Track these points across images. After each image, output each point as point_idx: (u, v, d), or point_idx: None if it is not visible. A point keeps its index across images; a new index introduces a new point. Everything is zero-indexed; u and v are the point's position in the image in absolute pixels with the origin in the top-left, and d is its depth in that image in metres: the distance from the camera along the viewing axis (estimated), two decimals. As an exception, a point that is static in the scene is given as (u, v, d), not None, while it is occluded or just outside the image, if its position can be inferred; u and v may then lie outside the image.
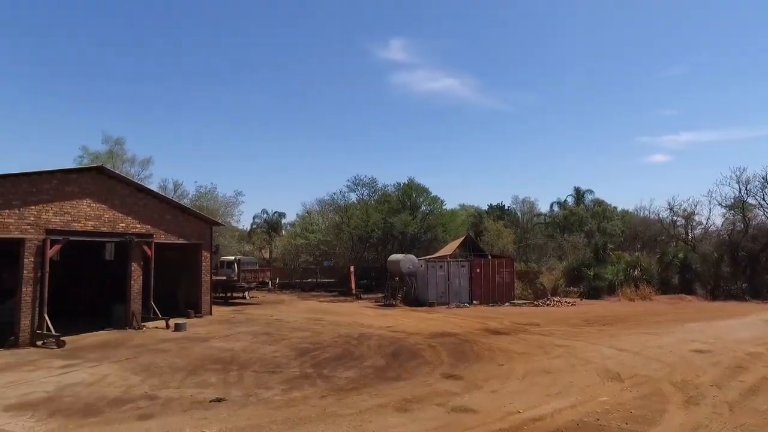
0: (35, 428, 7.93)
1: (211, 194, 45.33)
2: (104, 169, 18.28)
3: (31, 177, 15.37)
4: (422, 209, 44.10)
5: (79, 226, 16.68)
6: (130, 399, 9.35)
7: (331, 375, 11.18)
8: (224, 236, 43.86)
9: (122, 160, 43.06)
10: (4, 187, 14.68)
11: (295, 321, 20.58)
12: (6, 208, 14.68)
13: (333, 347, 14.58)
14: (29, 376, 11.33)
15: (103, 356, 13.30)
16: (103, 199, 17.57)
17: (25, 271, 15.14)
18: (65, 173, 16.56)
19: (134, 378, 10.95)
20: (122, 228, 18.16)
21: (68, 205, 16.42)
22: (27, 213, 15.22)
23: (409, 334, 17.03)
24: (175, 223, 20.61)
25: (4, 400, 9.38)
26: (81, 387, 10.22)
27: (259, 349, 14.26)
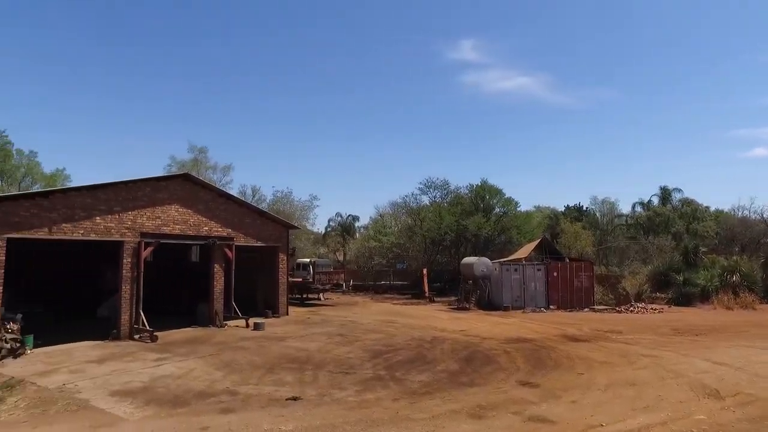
0: (134, 414, 8.64)
1: (287, 198, 47.16)
2: (190, 176, 19.54)
3: (128, 185, 16.75)
4: (496, 211, 43.19)
5: (168, 229, 17.94)
6: (213, 393, 9.90)
7: (404, 378, 11.19)
8: (300, 239, 45.39)
9: (205, 167, 45.86)
10: (106, 195, 16.11)
11: (369, 323, 20.84)
12: (108, 214, 16.10)
13: (406, 350, 14.60)
14: (129, 366, 12.34)
15: (190, 351, 14.19)
16: (188, 204, 18.78)
17: (124, 271, 16.51)
18: (156, 181, 17.87)
19: (217, 373, 11.57)
20: (206, 231, 19.31)
21: (159, 210, 17.71)
22: (125, 218, 16.60)
23: (483, 338, 16.70)
24: (253, 227, 21.60)
25: (110, 386, 10.37)
26: (171, 379, 10.97)
27: (334, 350, 14.57)
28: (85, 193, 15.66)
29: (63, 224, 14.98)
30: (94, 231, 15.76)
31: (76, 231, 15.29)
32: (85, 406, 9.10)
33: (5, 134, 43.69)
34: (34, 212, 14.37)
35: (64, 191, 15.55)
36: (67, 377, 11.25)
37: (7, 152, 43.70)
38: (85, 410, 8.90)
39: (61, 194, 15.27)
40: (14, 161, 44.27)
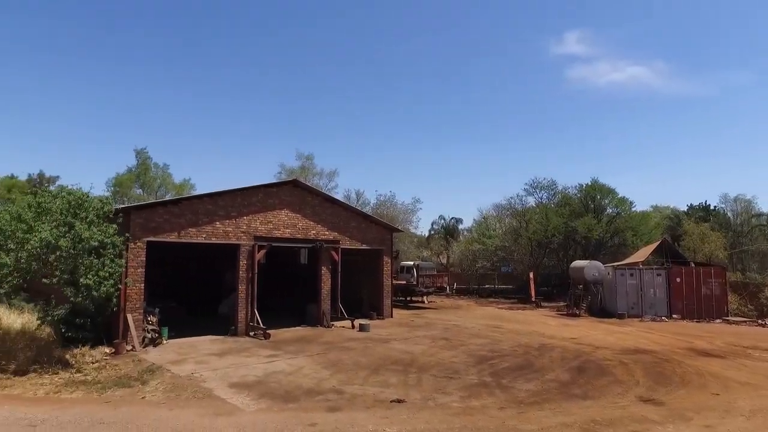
0: (250, 405, 9.25)
1: (390, 202, 47.98)
2: (298, 182, 20.61)
3: (243, 192, 18.07)
4: (608, 212, 40.35)
5: (279, 233, 19.05)
6: (321, 391, 10.28)
7: (511, 386, 10.80)
8: (403, 242, 45.93)
9: (312, 173, 48.16)
10: (224, 201, 17.53)
11: (473, 327, 20.47)
12: (226, 219, 17.50)
13: (512, 356, 14.11)
14: (245, 360, 13.27)
15: (299, 350, 14.90)
16: (297, 209, 19.80)
17: (240, 272, 17.82)
18: (268, 187, 19.08)
19: (324, 372, 12.02)
20: (313, 235, 20.22)
21: (270, 215, 18.87)
22: (241, 222, 17.92)
23: (597, 347, 15.63)
24: (358, 230, 22.23)
25: (229, 379, 11.22)
26: (282, 375, 11.59)
27: (438, 354, 14.49)
28: (207, 200, 17.17)
29: (189, 228, 16.54)
30: (215, 235, 17.21)
31: (199, 235, 16.80)
32: (209, 395, 9.92)
33: (146, 150, 49.52)
34: (166, 218, 16.04)
35: (190, 199, 17.19)
36: (194, 367, 12.37)
37: (147, 166, 49.43)
38: (209, 399, 9.70)
39: (188, 201, 16.88)
40: (152, 173, 49.89)
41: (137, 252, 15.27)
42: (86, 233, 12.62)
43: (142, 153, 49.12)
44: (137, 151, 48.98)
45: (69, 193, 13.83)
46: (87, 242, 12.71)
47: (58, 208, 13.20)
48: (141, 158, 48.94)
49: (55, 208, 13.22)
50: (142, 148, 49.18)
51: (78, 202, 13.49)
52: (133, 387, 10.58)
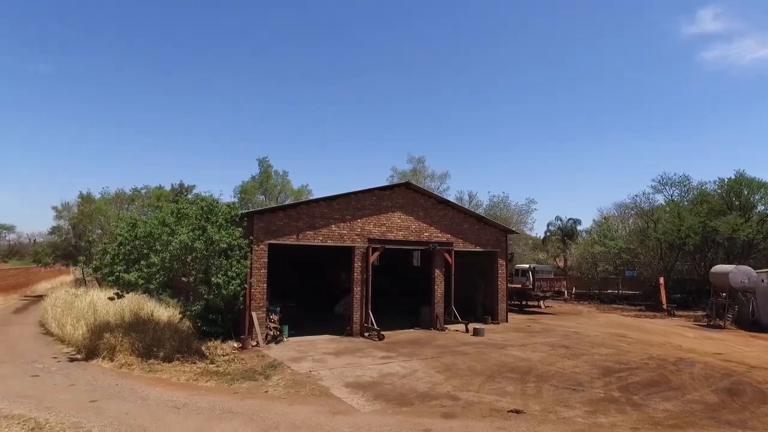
0: (365, 406, 9.34)
1: (503, 203, 46.51)
2: (410, 184, 20.67)
3: (357, 195, 18.53)
4: (759, 209, 35.21)
5: (392, 235, 19.24)
6: (435, 396, 10.09)
7: (644, 403, 9.74)
8: (518, 244, 44.23)
9: (424, 176, 48.20)
10: (339, 205, 18.11)
11: (596, 335, 18.98)
12: (341, 222, 18.06)
13: (643, 370, 12.77)
14: (360, 361, 13.52)
15: (413, 352, 14.85)
16: (409, 212, 19.85)
17: (355, 274, 18.28)
18: (380, 190, 19.36)
19: (438, 376, 11.81)
20: (426, 237, 20.13)
21: (383, 217, 19.13)
22: (355, 225, 18.39)
23: (751, 367, 13.58)
24: (471, 232, 21.74)
25: (345, 378, 11.48)
26: (396, 378, 11.60)
27: (558, 362, 13.59)
28: (323, 203, 17.87)
29: (307, 231, 17.33)
30: (331, 237, 17.84)
31: (316, 237, 17.52)
32: (326, 393, 10.22)
33: (267, 159, 53.23)
34: (285, 221, 16.96)
35: (308, 203, 18.01)
36: (311, 365, 12.86)
37: (269, 174, 53.07)
38: (326, 397, 9.98)
39: (305, 206, 17.70)
40: (273, 180, 53.44)
41: (260, 254, 16.32)
42: (216, 236, 13.74)
43: (264, 162, 52.78)
44: (260, 160, 52.74)
45: (202, 200, 15.21)
46: (217, 244, 13.85)
47: (193, 213, 14.57)
48: (263, 166, 52.60)
49: (191, 213, 14.61)
50: (264, 157, 52.87)
51: (209, 207, 14.77)
52: (257, 381, 11.25)
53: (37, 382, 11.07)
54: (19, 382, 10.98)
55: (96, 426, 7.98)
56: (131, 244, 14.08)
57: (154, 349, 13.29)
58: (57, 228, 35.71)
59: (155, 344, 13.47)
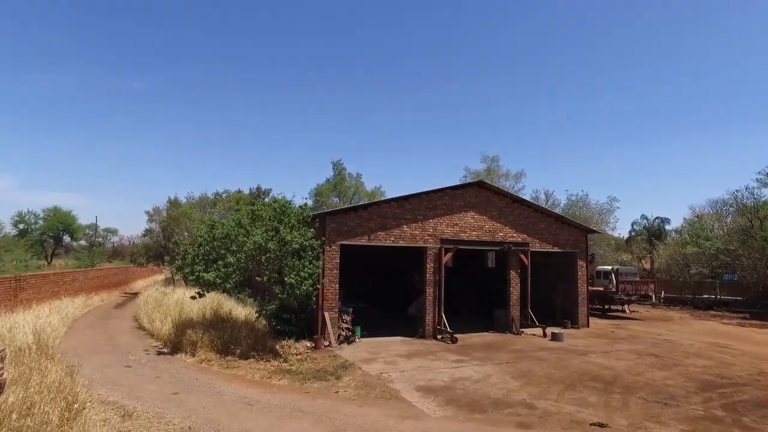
0: (436, 411, 9.04)
1: (582, 202, 44.11)
2: (484, 183, 20.06)
3: (429, 195, 18.23)
4: None
5: (465, 236, 18.75)
6: (510, 404, 9.58)
7: (757, 426, 8.62)
8: (599, 245, 41.82)
9: (498, 175, 46.88)
10: (410, 205, 17.91)
11: (690, 344, 17.36)
12: (413, 222, 17.85)
13: (752, 387, 11.41)
14: (432, 364, 13.22)
15: (486, 357, 14.32)
16: (483, 211, 19.26)
17: (428, 275, 17.98)
18: (453, 189, 18.93)
19: (513, 382, 11.25)
20: (500, 237, 19.44)
21: (456, 217, 18.69)
22: (427, 225, 18.10)
23: None
24: (548, 232, 20.74)
25: (416, 381, 11.22)
26: (469, 382, 11.18)
27: (646, 373, 12.52)
28: (394, 204, 17.74)
29: (378, 232, 17.28)
30: (402, 238, 17.67)
31: (388, 238, 17.43)
32: (396, 396, 10.02)
33: (341, 162, 54.26)
34: (357, 222, 17.01)
35: (379, 203, 17.95)
36: (382, 367, 12.74)
37: (342, 176, 54.07)
38: (396, 400, 9.79)
39: (376, 206, 17.65)
40: (346, 183, 54.36)
41: (332, 254, 16.47)
42: (288, 236, 14.01)
43: (338, 164, 53.85)
44: (334, 163, 53.84)
45: (275, 201, 15.59)
46: (290, 245, 14.11)
47: (267, 215, 14.97)
48: (337, 169, 53.65)
49: (265, 215, 15.02)
50: (338, 160, 53.94)
51: (282, 209, 15.10)
52: (328, 381, 11.28)
53: (129, 372, 11.82)
54: (115, 371, 11.80)
55: (176, 417, 8.32)
56: (210, 244, 14.71)
57: (232, 347, 13.77)
58: (149, 231, 38.47)
59: (233, 342, 13.96)
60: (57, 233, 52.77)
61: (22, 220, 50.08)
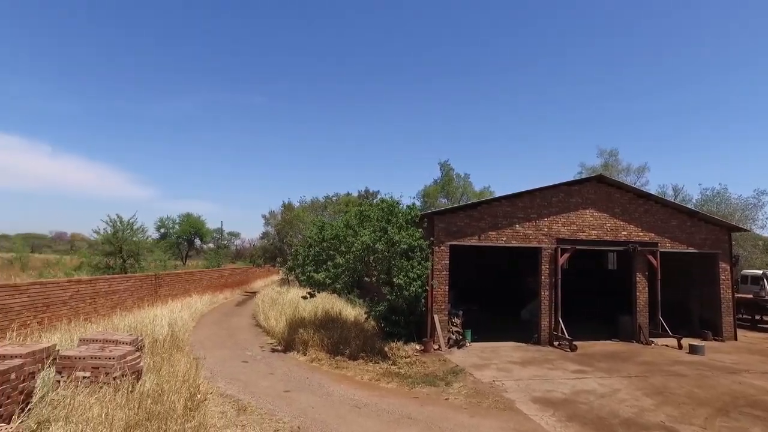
0: (556, 427, 8.20)
1: (720, 197, 38.92)
2: (604, 177, 18.33)
3: (542, 192, 17.05)
4: None
5: (583, 235, 17.26)
6: (644, 425, 8.40)
7: None
8: (743, 246, 36.59)
9: (617, 170, 43.19)
10: (523, 203, 16.88)
11: None
12: (526, 221, 16.80)
13: None
14: (549, 373, 12.19)
15: (612, 368, 12.92)
16: (603, 208, 17.60)
17: (542, 277, 16.80)
18: (569, 185, 17.52)
19: (646, 400, 9.93)
20: (624, 236, 17.62)
21: (573, 215, 17.27)
22: (541, 224, 16.94)
23: None
24: (681, 230, 18.41)
25: (532, 392, 10.37)
26: (593, 397, 10.08)
27: (819, 398, 10.41)
28: (505, 202, 16.83)
29: (489, 232, 16.49)
30: (514, 238, 16.70)
31: (499, 238, 16.56)
32: (510, 407, 9.29)
33: (448, 163, 53.66)
34: (466, 222, 16.38)
35: (488, 202, 17.13)
36: (495, 374, 12.00)
37: (450, 177, 53.41)
38: (511, 411, 9.06)
39: (486, 205, 16.86)
40: (454, 183, 53.58)
41: (441, 255, 16.00)
42: (396, 237, 13.80)
43: (445, 165, 53.31)
44: (441, 163, 53.38)
45: (383, 201, 15.49)
46: (398, 245, 13.90)
47: (375, 215, 14.92)
48: (445, 170, 53.10)
49: (373, 215, 14.98)
50: (445, 161, 53.42)
51: (390, 209, 14.95)
52: (438, 386, 10.83)
53: (246, 367, 12.36)
54: (234, 366, 12.41)
55: (286, 415, 8.40)
56: (319, 245, 14.99)
57: (341, 347, 13.87)
58: (266, 234, 40.94)
59: (342, 342, 14.06)
60: (190, 237, 58.24)
61: (162, 225, 56.02)
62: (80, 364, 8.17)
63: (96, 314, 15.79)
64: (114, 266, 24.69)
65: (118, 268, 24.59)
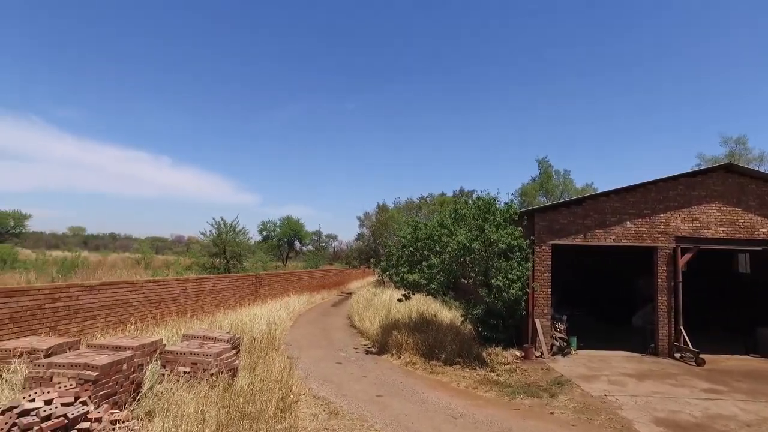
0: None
1: None
2: (733, 166, 15.99)
3: (657, 185, 15.26)
4: None
5: (709, 233, 15.18)
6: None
7: None
8: None
9: (746, 160, 38.38)
10: (634, 198, 15.23)
11: None
12: (638, 217, 15.13)
13: None
14: (672, 391, 10.71)
15: (755, 390, 11.03)
16: (734, 202, 15.36)
17: (659, 280, 15.02)
18: (689, 177, 15.52)
19: (805, 430, 8.26)
20: (763, 234, 15.22)
21: (695, 210, 15.27)
22: (657, 221, 15.16)
23: None
24: (838, 227, 15.55)
25: (653, 411, 9.11)
26: (733, 423, 8.58)
27: None
28: (614, 197, 15.28)
29: (596, 230, 15.07)
30: (625, 236, 15.10)
31: (607, 237, 15.07)
32: (627, 428, 8.17)
33: (547, 159, 51.09)
34: (570, 219, 15.09)
35: (594, 197, 15.64)
36: (606, 387, 10.77)
37: (549, 174, 50.79)
38: (629, 433, 7.96)
39: (592, 201, 15.42)
40: (554, 181, 50.86)
41: (543, 255, 14.88)
42: (494, 236, 12.98)
43: (543, 162, 50.84)
44: (539, 160, 51.02)
45: (479, 199, 14.70)
46: (496, 245, 13.08)
47: (471, 213, 14.18)
48: (543, 167, 50.64)
49: (468, 213, 14.25)
50: (543, 158, 50.98)
51: (486, 206, 14.14)
52: (542, 398, 9.90)
53: (339, 369, 12.22)
54: (327, 367, 12.33)
55: (378, 422, 8.02)
56: (413, 246, 14.55)
57: (436, 351, 13.30)
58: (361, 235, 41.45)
59: (437, 346, 13.49)
60: (290, 239, 60.83)
61: (264, 228, 59.05)
62: (182, 360, 8.42)
63: (201, 311, 16.65)
64: (219, 266, 26.18)
65: (222, 268, 26.03)
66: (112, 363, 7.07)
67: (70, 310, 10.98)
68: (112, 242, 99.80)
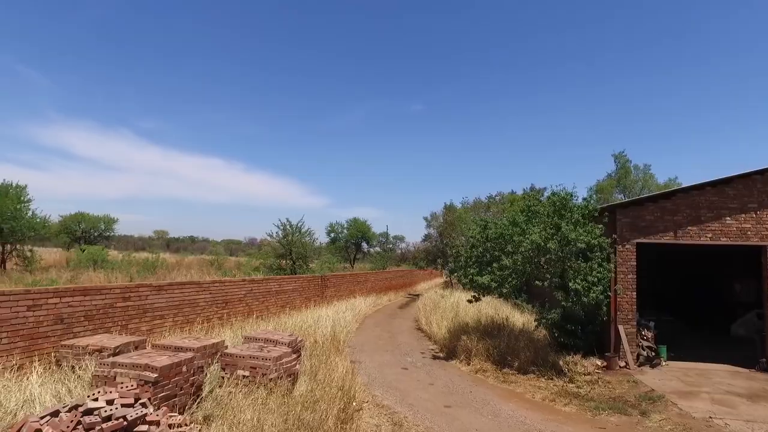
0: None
1: None
2: None
3: (764, 174, 13.41)
4: None
5: (830, 230, 13.14)
6: None
7: None
8: None
9: None
10: (735, 190, 13.48)
11: None
12: (741, 213, 13.37)
13: None
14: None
15: None
16: None
17: (766, 284, 13.19)
18: (805, 166, 13.54)
19: None
20: None
21: (812, 204, 13.28)
22: (763, 217, 13.33)
23: None
24: None
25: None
26: None
27: None
28: (710, 190, 13.60)
29: (688, 227, 13.48)
30: (725, 233, 13.38)
31: (702, 235, 13.43)
32: (744, 459, 6.95)
33: (624, 154, 47.82)
34: (657, 215, 13.62)
35: (686, 190, 13.99)
36: (710, 407, 9.41)
37: (627, 169, 47.50)
38: (744, 464, 6.75)
39: (684, 194, 13.82)
40: (632, 176, 47.50)
41: (626, 255, 13.52)
42: (572, 234, 11.91)
43: (620, 157, 47.66)
44: (615, 155, 47.87)
45: (553, 194, 13.59)
46: (573, 244, 12.00)
47: (545, 210, 13.13)
48: (620, 162, 47.47)
49: (543, 210, 13.21)
50: (620, 152, 47.77)
51: (562, 203, 13.03)
52: (630, 416, 8.78)
53: (405, 375, 11.64)
54: (392, 373, 11.77)
55: (446, 437, 7.35)
56: (483, 246, 13.71)
57: (508, 358, 12.38)
58: (428, 236, 40.68)
59: (509, 353, 12.57)
60: (357, 240, 61.10)
61: (332, 229, 59.68)
62: (240, 363, 8.17)
63: (267, 312, 16.67)
64: (285, 267, 26.43)
65: (288, 269, 26.26)
66: (172, 365, 6.89)
67: (139, 309, 11.16)
68: (191, 244, 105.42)
